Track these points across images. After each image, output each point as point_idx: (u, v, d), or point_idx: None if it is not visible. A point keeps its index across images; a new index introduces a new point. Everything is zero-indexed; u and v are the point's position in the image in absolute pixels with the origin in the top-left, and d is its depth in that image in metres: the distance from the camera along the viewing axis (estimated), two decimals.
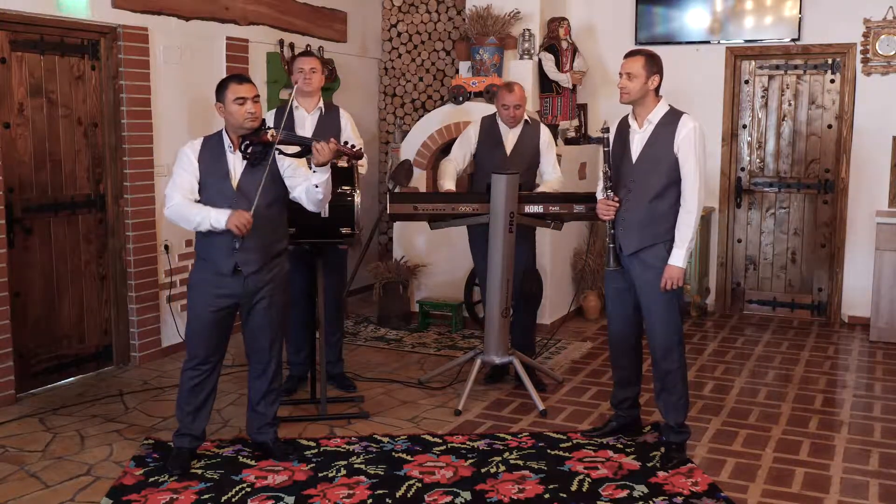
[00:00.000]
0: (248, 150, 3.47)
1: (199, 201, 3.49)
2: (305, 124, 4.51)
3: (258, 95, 3.53)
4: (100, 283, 5.03)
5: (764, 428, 4.20)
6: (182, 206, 3.46)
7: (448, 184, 4.72)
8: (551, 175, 4.78)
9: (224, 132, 3.57)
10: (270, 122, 4.57)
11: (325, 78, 4.64)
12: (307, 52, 5.15)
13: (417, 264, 6.26)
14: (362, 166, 4.45)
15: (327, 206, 3.97)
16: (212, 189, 3.50)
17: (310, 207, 3.62)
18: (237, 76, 3.60)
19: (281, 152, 3.52)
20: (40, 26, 4.55)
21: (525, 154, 4.74)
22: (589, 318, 6.43)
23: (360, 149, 3.68)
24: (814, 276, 6.50)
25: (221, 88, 3.52)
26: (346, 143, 3.62)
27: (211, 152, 3.55)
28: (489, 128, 4.79)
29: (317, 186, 3.51)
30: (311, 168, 3.53)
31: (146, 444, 3.93)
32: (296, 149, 3.53)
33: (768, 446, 3.97)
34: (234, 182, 3.51)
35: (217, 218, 3.40)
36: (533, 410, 4.40)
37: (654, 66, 3.69)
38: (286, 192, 3.62)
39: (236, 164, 3.53)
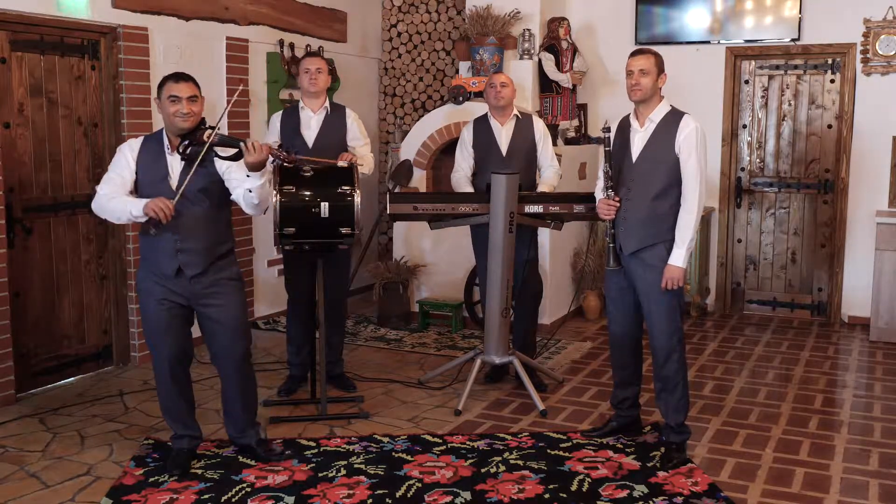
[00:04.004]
0: (187, 152, 3.34)
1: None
2: (311, 124, 4.51)
3: (195, 95, 3.40)
4: (100, 283, 5.03)
5: (764, 428, 4.20)
6: (105, 198, 3.39)
7: (467, 191, 4.76)
8: (549, 169, 4.77)
9: (164, 132, 3.48)
10: (277, 125, 4.58)
11: (329, 78, 4.62)
12: (313, 53, 5.14)
13: (417, 264, 6.25)
14: (362, 166, 4.44)
15: (327, 206, 3.96)
16: (150, 191, 3.41)
17: (247, 211, 3.50)
18: (176, 74, 3.45)
19: (217, 155, 3.38)
20: (40, 26, 4.54)
21: (522, 150, 4.73)
22: (589, 318, 6.43)
23: (297, 154, 3.47)
24: (814, 276, 6.50)
25: (160, 86, 3.43)
26: (280, 146, 3.47)
27: (150, 153, 3.46)
28: (482, 128, 4.78)
29: (250, 191, 3.39)
30: (246, 173, 3.38)
31: (146, 444, 3.92)
32: (232, 151, 3.36)
33: (768, 446, 3.96)
34: (174, 183, 3.42)
35: (136, 206, 3.31)
36: (533, 410, 4.40)
37: (662, 65, 3.73)
38: (227, 193, 3.51)
39: (174, 165, 3.43)
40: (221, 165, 3.43)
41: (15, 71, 4.46)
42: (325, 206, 3.98)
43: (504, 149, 4.72)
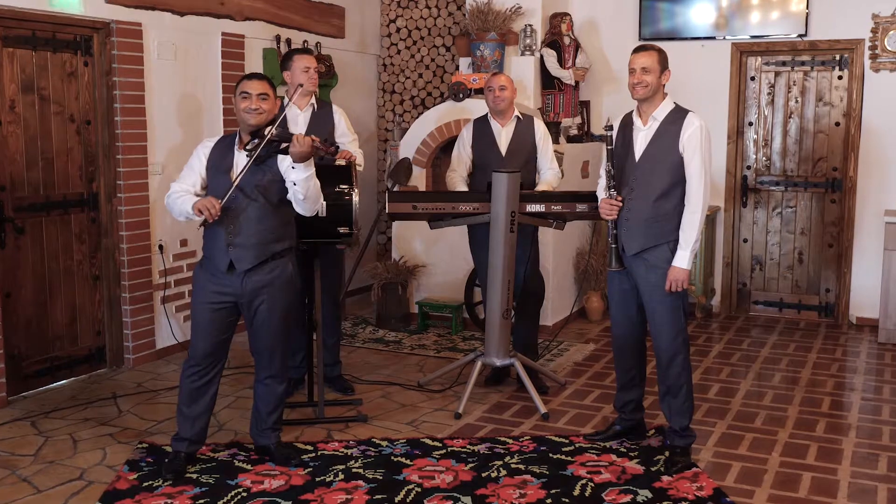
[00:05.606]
0: (248, 147, 3.44)
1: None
2: (298, 121, 4.47)
3: (266, 94, 3.48)
4: (93, 284, 4.96)
5: (770, 431, 4.14)
6: (174, 195, 3.51)
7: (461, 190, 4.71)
8: (548, 171, 4.72)
9: (239, 130, 3.58)
10: None
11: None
12: (307, 50, 5.05)
13: (416, 265, 6.19)
14: (360, 165, 4.40)
15: (325, 205, 3.89)
16: (213, 183, 3.51)
17: (297, 209, 3.56)
18: (250, 73, 3.62)
19: (278, 150, 3.44)
20: (32, 21, 4.48)
21: (521, 151, 4.68)
22: (592, 320, 6.37)
23: (337, 146, 3.59)
24: (821, 276, 6.43)
25: (236, 85, 3.56)
26: (325, 140, 3.57)
27: (221, 150, 3.57)
28: (482, 129, 4.73)
29: (294, 185, 3.44)
30: (291, 165, 3.45)
31: (140, 448, 3.87)
32: (286, 145, 3.44)
33: (775, 450, 3.91)
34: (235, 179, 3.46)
35: (190, 203, 3.42)
36: (534, 414, 4.34)
37: (666, 61, 3.67)
38: (286, 192, 3.54)
39: (239, 160, 3.50)
40: (283, 164, 3.48)
41: (6, 67, 4.40)
42: (322, 206, 3.91)
43: (503, 150, 4.67)
